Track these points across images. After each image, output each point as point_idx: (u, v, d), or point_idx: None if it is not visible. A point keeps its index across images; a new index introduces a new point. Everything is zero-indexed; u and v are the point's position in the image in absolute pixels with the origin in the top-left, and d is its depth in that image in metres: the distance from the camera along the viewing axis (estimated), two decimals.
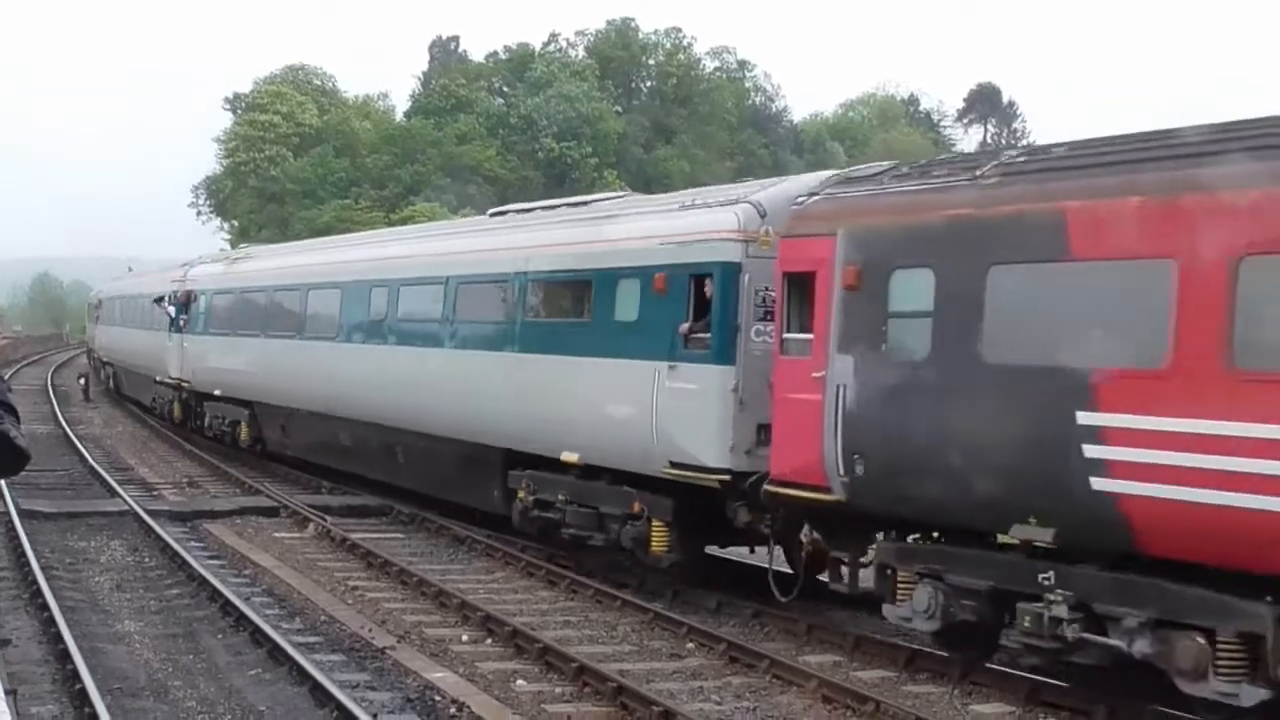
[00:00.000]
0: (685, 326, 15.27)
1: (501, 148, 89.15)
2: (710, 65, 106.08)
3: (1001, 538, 11.96)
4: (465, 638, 14.37)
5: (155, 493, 25.51)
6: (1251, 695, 10.07)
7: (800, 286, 13.72)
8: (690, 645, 14.17)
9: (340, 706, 11.19)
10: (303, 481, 26.87)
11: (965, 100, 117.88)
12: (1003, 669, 12.56)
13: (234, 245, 76.22)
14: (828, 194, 13.90)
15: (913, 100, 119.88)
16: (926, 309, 12.32)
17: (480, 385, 19.24)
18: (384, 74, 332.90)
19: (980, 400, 11.75)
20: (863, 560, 13.74)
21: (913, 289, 12.50)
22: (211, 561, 18.41)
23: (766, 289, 14.49)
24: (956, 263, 12.03)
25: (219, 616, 15.08)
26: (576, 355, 17.14)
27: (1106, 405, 10.67)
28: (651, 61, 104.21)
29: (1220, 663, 10.21)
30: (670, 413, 15.31)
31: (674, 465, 15.25)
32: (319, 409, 25.38)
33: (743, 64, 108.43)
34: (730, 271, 14.85)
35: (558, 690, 12.41)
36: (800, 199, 14.17)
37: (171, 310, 34.14)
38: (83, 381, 51.68)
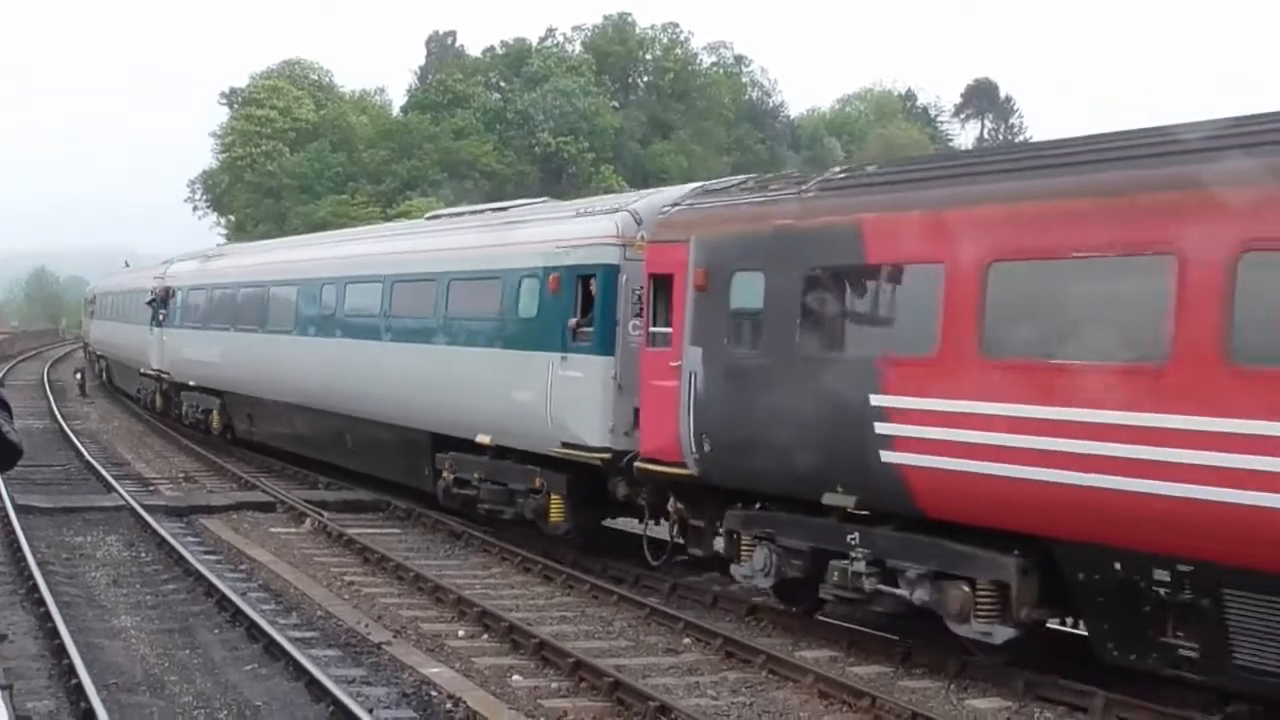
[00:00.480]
0: (574, 321, 17.14)
1: (498, 143, 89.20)
2: (707, 60, 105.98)
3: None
4: (461, 633, 14.48)
5: (151, 488, 25.50)
6: (1002, 634, 11.91)
7: (663, 286, 15.52)
8: (686, 640, 14.29)
9: (336, 701, 11.19)
10: (299, 477, 26.97)
11: (962, 96, 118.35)
12: (1000, 666, 12.59)
13: (229, 240, 77.79)
14: (686, 204, 15.71)
15: (910, 95, 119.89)
16: (758, 307, 14.15)
17: (411, 375, 21.21)
18: (381, 69, 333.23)
19: (798, 387, 13.54)
20: (717, 527, 15.51)
21: (749, 290, 14.31)
22: (208, 557, 18.45)
23: (641, 288, 16.29)
24: (781, 267, 13.83)
25: (215, 612, 15.12)
26: (488, 347, 19.07)
27: (891, 389, 12.46)
28: (648, 56, 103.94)
29: (979, 607, 12.02)
30: (562, 398, 17.18)
31: (565, 445, 17.11)
32: (280, 398, 27.26)
33: (740, 59, 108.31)
34: (610, 273, 16.72)
35: (554, 685, 12.43)
36: (665, 209, 15.98)
37: (154, 302, 36.06)
38: (79, 376, 51.12)
